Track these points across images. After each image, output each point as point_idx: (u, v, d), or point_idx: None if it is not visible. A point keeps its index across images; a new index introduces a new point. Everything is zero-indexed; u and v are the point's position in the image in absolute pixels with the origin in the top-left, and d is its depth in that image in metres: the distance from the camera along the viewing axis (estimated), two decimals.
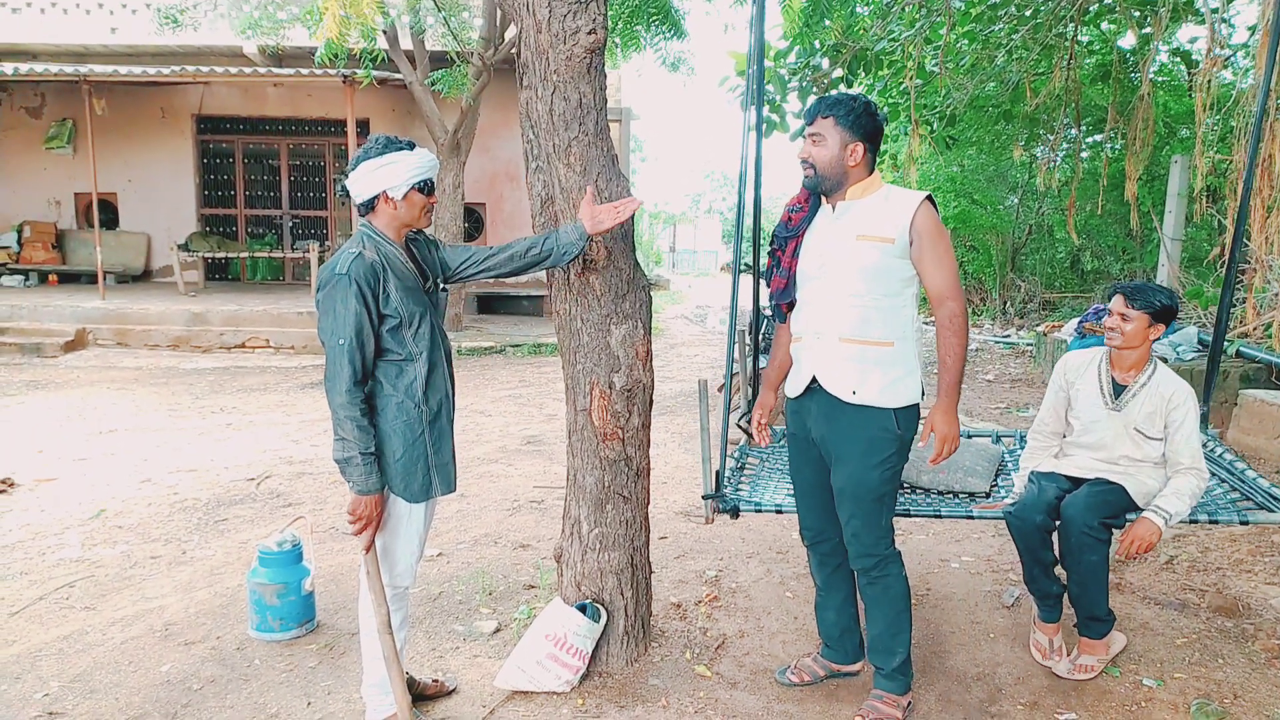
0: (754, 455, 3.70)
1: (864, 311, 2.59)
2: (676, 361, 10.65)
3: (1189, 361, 6.90)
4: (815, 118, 2.62)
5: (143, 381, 8.52)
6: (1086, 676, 3.00)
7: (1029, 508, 3.00)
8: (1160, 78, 9.82)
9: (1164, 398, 2.99)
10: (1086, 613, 2.99)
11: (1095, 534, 2.85)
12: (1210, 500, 3.19)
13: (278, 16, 10.83)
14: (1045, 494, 3.02)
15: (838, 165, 2.60)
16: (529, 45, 2.73)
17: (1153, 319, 2.97)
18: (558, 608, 3.03)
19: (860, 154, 2.59)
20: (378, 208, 2.52)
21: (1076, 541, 2.87)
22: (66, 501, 4.93)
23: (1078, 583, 2.94)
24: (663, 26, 10.06)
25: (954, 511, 3.20)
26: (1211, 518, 3.00)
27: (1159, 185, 10.16)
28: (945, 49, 7.09)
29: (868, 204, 2.62)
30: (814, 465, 2.80)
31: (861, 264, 2.57)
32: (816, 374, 2.68)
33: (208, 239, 13.03)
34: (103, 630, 3.39)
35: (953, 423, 2.58)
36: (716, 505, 2.98)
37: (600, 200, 2.76)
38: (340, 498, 4.99)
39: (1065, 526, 2.91)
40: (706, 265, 36.86)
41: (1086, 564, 2.88)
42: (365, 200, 2.51)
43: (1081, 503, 2.92)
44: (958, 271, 2.61)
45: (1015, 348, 10.91)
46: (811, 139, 2.63)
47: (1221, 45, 6.46)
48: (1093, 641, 3.04)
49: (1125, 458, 3.03)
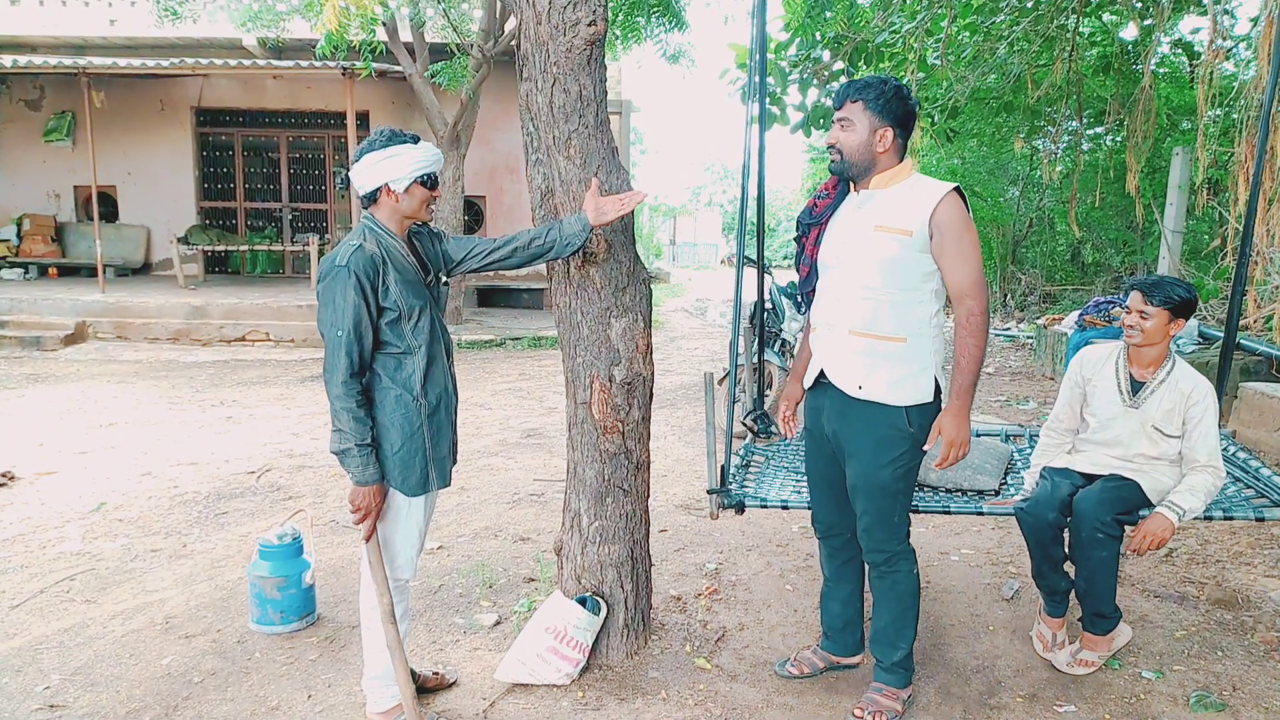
0: (759, 452, 3.70)
1: (876, 305, 2.54)
2: (677, 355, 10.65)
3: (1189, 354, 6.89)
4: (845, 101, 2.55)
5: (143, 375, 8.52)
6: (1085, 671, 2.99)
7: (1041, 504, 2.97)
8: (1162, 69, 9.78)
9: (1183, 394, 2.94)
10: (1093, 609, 2.97)
11: (1107, 530, 2.83)
12: (1224, 497, 3.16)
13: (277, 9, 10.81)
14: (1059, 490, 2.99)
15: (866, 151, 2.54)
16: (529, 37, 2.72)
17: (1172, 314, 2.90)
18: (558, 601, 3.03)
19: (890, 139, 2.52)
20: (380, 200, 2.51)
21: (1088, 537, 2.85)
22: (67, 495, 4.93)
23: (1086, 578, 2.92)
24: (663, 18, 10.04)
25: (963, 508, 3.18)
26: (1227, 514, 2.99)
27: (1160, 177, 10.13)
28: (946, 41, 7.06)
29: (892, 194, 2.55)
30: (828, 459, 2.78)
31: (879, 256, 2.51)
32: (824, 367, 2.66)
33: (207, 232, 13.03)
34: (103, 623, 3.39)
35: (963, 426, 2.52)
36: (721, 500, 2.98)
37: (603, 193, 2.75)
38: (340, 491, 5.00)
39: (1077, 521, 2.89)
40: (707, 258, 36.84)
41: (1097, 560, 2.86)
42: (368, 192, 2.51)
43: (1095, 498, 2.89)
44: (981, 269, 2.50)
45: (1015, 341, 10.91)
46: (840, 124, 2.56)
47: (1224, 36, 6.44)
48: (1096, 637, 3.03)
49: (1141, 455, 2.99)
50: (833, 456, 2.75)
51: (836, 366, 2.63)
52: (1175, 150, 8.36)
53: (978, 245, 2.51)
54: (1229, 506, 3.08)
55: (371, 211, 2.54)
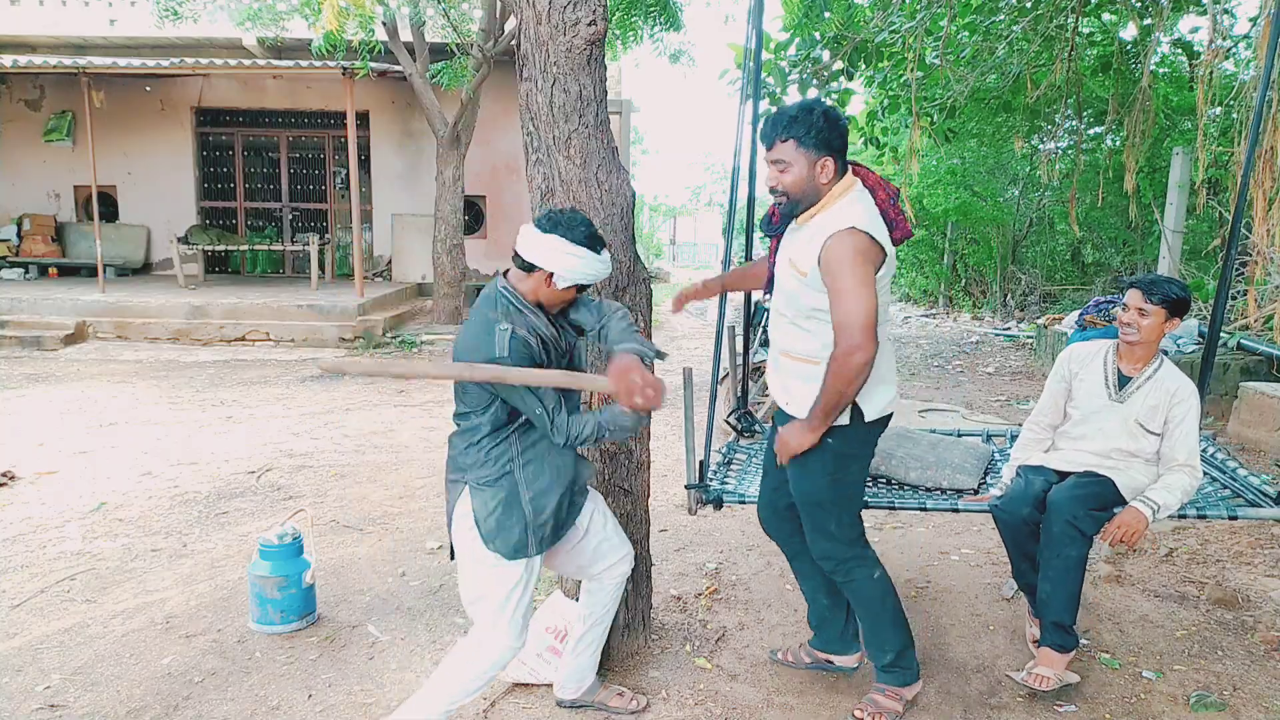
0: (741, 451, 3.70)
1: (795, 329, 2.61)
2: (677, 354, 10.64)
3: (1189, 354, 6.89)
4: (774, 142, 2.46)
5: (143, 375, 8.52)
6: (1043, 688, 2.81)
7: (1015, 500, 2.98)
8: (1161, 69, 9.78)
9: (1168, 392, 2.95)
10: (1053, 617, 2.86)
11: (1079, 525, 2.81)
12: (1200, 496, 3.16)
13: (277, 8, 10.81)
14: (1032, 486, 2.99)
15: (810, 185, 2.48)
16: (529, 37, 2.72)
17: (1169, 313, 2.92)
18: (558, 601, 3.04)
19: (832, 167, 2.46)
20: (532, 278, 2.35)
21: (1060, 531, 2.82)
22: (67, 495, 4.93)
23: (1051, 579, 2.85)
24: (660, 18, 10.04)
25: (939, 505, 3.19)
26: (1200, 512, 2.99)
27: (1160, 177, 10.13)
28: (946, 41, 7.06)
29: (810, 228, 2.51)
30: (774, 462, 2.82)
31: (787, 289, 2.59)
32: (768, 379, 2.77)
33: (207, 232, 13.01)
34: (104, 623, 3.40)
35: (801, 437, 2.53)
36: (700, 496, 2.99)
37: (600, 191, 2.76)
38: (340, 491, 5.00)
39: (1049, 515, 2.87)
40: (707, 258, 36.81)
41: (1064, 558, 2.82)
42: (527, 264, 2.34)
43: (1068, 492, 2.89)
44: (864, 311, 2.36)
45: (1016, 340, 10.90)
46: (775, 166, 2.48)
47: (1223, 36, 6.44)
48: (1053, 654, 2.87)
49: (1119, 450, 2.99)
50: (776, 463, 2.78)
51: (772, 381, 2.77)
52: (1175, 150, 8.36)
53: (861, 286, 2.37)
54: (1204, 505, 3.09)
55: (512, 279, 2.39)
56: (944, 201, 12.91)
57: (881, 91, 7.86)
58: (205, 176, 14.23)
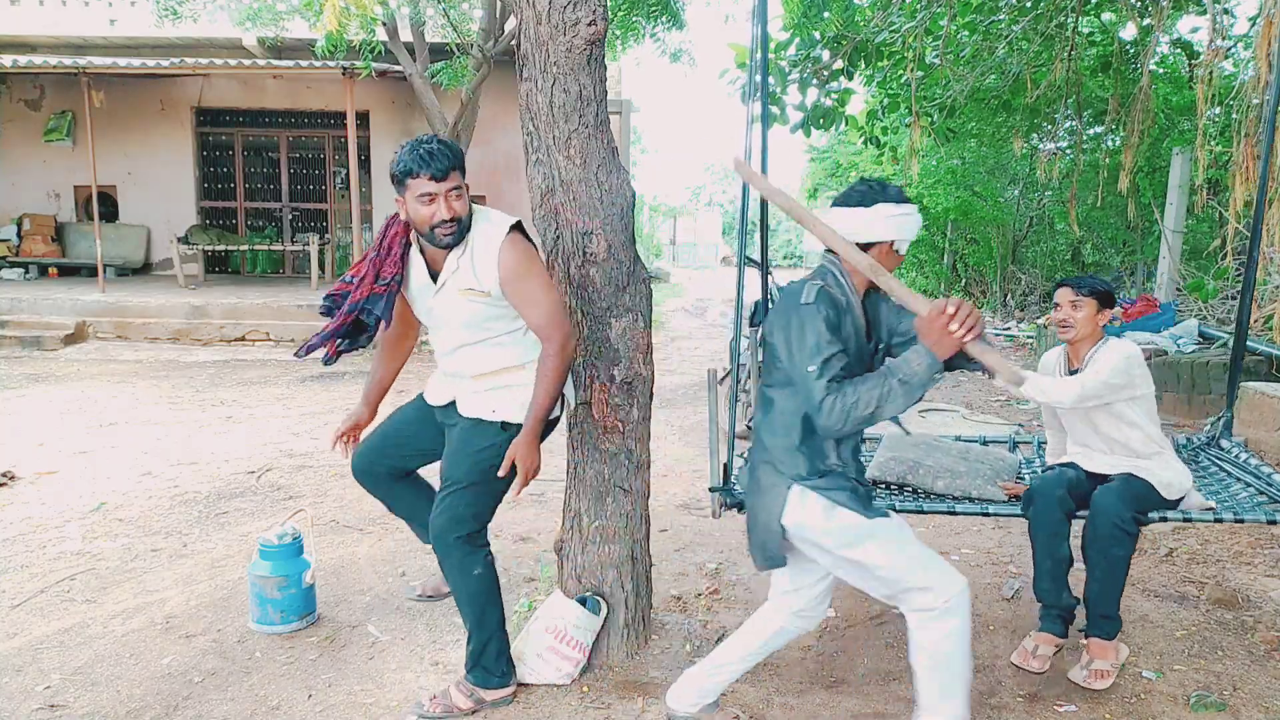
0: None
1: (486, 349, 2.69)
2: (677, 355, 10.65)
3: (1190, 354, 6.89)
4: (450, 171, 2.48)
5: (143, 374, 8.52)
6: (1103, 684, 2.88)
7: (1049, 482, 3.05)
8: (1161, 69, 9.78)
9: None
10: (1101, 610, 2.95)
11: (1126, 527, 2.86)
12: (1235, 500, 3.17)
13: (277, 8, 10.81)
14: (1064, 474, 3.10)
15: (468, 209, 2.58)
16: (529, 37, 2.72)
17: (1100, 303, 3.06)
18: (558, 600, 3.03)
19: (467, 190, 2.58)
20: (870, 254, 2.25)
21: (1107, 533, 2.88)
22: (67, 494, 4.93)
23: (1099, 579, 2.92)
24: (661, 17, 10.05)
25: (969, 510, 3.17)
26: (1238, 516, 2.99)
27: (1160, 177, 10.13)
28: (946, 40, 7.07)
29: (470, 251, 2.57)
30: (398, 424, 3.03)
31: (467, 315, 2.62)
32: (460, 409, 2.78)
33: (207, 232, 13.02)
34: (104, 623, 3.40)
35: (532, 449, 2.62)
36: (723, 499, 2.98)
37: (600, 191, 2.76)
38: (341, 491, 5.00)
39: (1095, 517, 2.92)
40: (707, 258, 36.84)
41: (1111, 558, 2.88)
42: (864, 242, 2.28)
43: (1115, 494, 2.93)
44: (557, 299, 2.59)
45: (1016, 340, 10.90)
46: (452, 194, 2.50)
47: (1223, 36, 6.44)
48: (1104, 643, 2.96)
49: (1109, 439, 3.08)
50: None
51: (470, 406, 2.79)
52: (1175, 150, 8.37)
53: (545, 281, 2.59)
54: (1240, 510, 3.07)
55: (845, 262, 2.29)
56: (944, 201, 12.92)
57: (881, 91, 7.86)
58: (205, 176, 14.23)
